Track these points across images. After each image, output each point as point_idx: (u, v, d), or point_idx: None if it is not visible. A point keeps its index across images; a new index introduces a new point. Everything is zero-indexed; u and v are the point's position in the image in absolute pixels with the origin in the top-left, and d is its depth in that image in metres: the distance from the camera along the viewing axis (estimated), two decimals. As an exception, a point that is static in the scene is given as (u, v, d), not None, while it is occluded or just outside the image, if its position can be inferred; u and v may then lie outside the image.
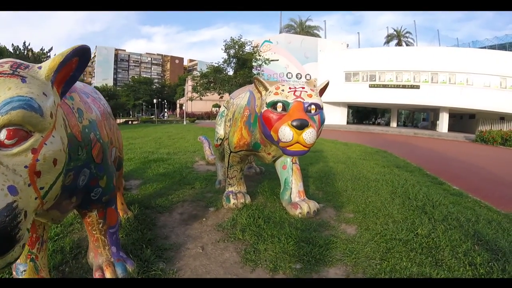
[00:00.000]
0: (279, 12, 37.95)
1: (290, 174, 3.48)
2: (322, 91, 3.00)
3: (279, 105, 2.72)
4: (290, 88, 2.84)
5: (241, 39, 26.54)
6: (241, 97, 3.56)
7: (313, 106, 2.72)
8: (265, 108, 2.79)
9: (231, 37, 26.71)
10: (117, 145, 2.61)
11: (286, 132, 2.52)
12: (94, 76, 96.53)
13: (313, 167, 5.91)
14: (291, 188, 3.40)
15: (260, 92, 2.99)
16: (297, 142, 2.53)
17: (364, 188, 4.38)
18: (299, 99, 2.71)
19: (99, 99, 2.44)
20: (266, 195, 3.87)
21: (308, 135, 2.49)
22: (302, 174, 3.60)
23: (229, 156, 3.55)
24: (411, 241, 2.66)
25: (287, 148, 2.60)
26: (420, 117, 47.61)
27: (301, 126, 2.47)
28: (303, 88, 2.85)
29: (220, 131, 4.02)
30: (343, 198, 3.89)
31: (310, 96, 2.77)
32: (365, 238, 2.73)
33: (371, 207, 3.55)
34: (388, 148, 10.49)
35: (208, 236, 2.77)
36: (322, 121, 2.82)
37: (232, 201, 3.43)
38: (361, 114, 44.37)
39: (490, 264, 2.28)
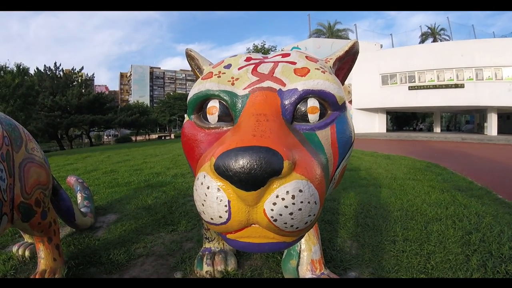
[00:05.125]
0: (307, 18, 36.63)
1: None
2: (347, 65, 1.32)
3: (212, 106, 1.05)
4: (248, 59, 1.15)
5: (265, 45, 25.56)
6: None
7: (312, 102, 0.99)
8: (186, 118, 1.19)
9: (254, 43, 25.97)
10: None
11: (209, 196, 0.79)
12: (131, 94, 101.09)
13: (346, 194, 4.36)
14: (299, 255, 1.86)
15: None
16: (247, 226, 0.82)
17: (422, 235, 2.80)
18: (265, 83, 1.01)
19: None
20: (266, 253, 2.49)
21: (284, 203, 0.75)
22: (327, 210, 2.16)
23: None
24: None
25: (227, 236, 0.89)
26: (463, 119, 44.18)
27: (250, 177, 0.71)
28: (284, 56, 1.14)
29: None
30: (389, 259, 2.36)
31: (303, 73, 1.02)
32: None
33: (435, 277, 2.05)
34: (439, 160, 8.59)
35: None
36: (343, 140, 1.06)
37: (206, 267, 2.11)
38: (401, 120, 41.89)
39: None
